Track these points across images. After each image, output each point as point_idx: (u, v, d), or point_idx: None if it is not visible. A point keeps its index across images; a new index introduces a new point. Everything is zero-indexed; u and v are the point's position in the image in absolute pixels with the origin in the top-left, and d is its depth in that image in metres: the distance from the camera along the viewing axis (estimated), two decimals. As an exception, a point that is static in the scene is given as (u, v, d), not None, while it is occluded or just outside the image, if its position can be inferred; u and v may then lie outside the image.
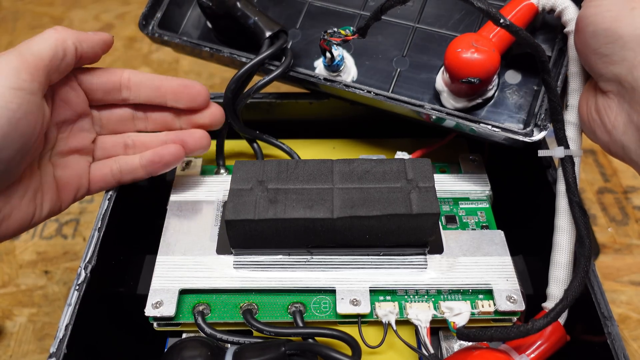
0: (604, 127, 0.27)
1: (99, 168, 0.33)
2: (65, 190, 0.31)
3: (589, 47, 0.27)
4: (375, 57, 0.36)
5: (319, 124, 0.40)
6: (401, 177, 0.30)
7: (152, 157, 0.32)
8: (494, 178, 0.36)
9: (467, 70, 0.30)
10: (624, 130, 0.26)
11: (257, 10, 0.35)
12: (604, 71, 0.26)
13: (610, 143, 0.27)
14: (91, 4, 0.81)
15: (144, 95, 0.32)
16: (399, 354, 0.29)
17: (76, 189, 0.31)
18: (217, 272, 0.30)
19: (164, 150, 0.33)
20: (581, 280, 0.26)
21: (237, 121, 0.36)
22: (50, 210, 0.30)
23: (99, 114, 0.33)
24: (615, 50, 0.25)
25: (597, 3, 0.27)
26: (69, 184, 0.31)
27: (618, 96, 0.26)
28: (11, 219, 0.28)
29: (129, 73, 0.32)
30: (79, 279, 0.29)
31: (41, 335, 0.44)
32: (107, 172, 0.33)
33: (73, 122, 0.31)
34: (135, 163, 0.33)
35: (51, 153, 0.30)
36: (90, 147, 0.32)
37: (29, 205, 0.29)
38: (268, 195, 0.29)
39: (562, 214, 0.30)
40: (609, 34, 0.26)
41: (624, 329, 0.44)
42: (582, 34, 0.27)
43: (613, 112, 0.27)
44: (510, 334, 0.25)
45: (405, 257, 0.30)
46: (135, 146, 0.33)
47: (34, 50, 0.27)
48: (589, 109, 0.29)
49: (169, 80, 0.33)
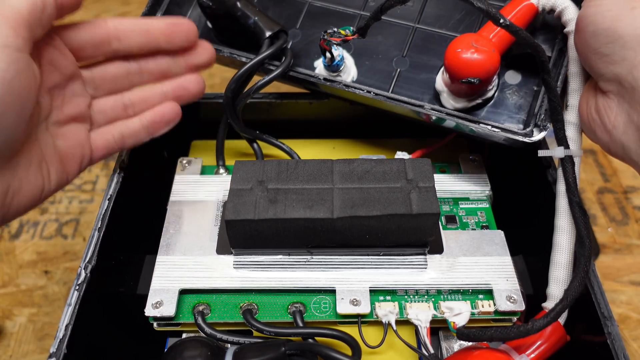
0: (604, 127, 0.27)
1: (100, 135, 0.31)
2: (69, 161, 0.30)
3: (589, 47, 0.27)
4: (375, 57, 0.36)
5: (319, 124, 0.40)
6: (401, 177, 0.30)
7: (152, 117, 0.32)
8: (494, 178, 0.36)
9: (467, 71, 0.30)
10: (624, 130, 0.26)
11: (257, 10, 0.35)
12: (604, 71, 0.26)
13: (610, 143, 0.27)
14: (91, 4, 0.81)
15: (134, 43, 0.31)
16: (399, 354, 0.29)
17: (80, 158, 0.31)
18: (217, 272, 0.30)
19: (164, 108, 0.32)
20: (581, 280, 0.26)
21: (237, 121, 0.36)
22: (58, 181, 0.29)
23: (91, 74, 0.31)
24: (616, 50, 0.25)
25: (597, 3, 0.27)
26: (72, 153, 0.30)
27: (618, 96, 0.26)
28: (22, 193, 0.27)
29: (113, 21, 0.30)
30: (79, 279, 0.29)
31: (41, 335, 0.44)
32: (109, 139, 0.32)
33: (64, 87, 0.30)
34: (136, 126, 0.32)
35: (47, 123, 0.29)
36: (87, 112, 0.31)
37: (36, 176, 0.28)
38: (268, 195, 0.29)
39: (562, 214, 0.30)
40: (609, 34, 0.26)
41: (624, 329, 0.44)
42: (582, 34, 0.27)
43: (613, 112, 0.27)
44: (510, 334, 0.25)
45: (405, 257, 0.30)
46: (134, 104, 0.32)
47: (11, 3, 0.25)
48: (589, 109, 0.29)
49: (157, 21, 0.31)
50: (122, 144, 0.32)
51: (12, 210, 0.27)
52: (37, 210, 0.53)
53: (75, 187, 0.55)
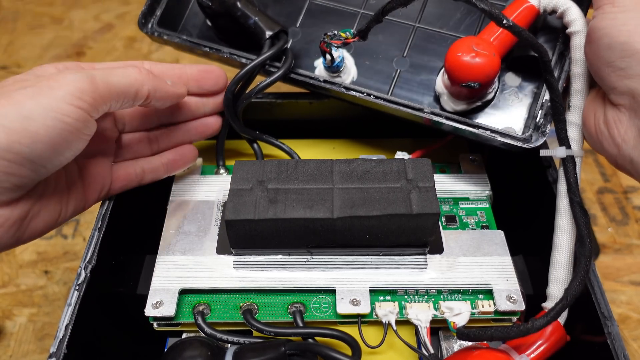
0: (613, 140, 0.27)
1: (122, 169, 0.33)
2: (90, 190, 0.31)
3: (602, 59, 0.27)
4: (375, 57, 0.36)
5: (319, 124, 0.40)
6: (401, 177, 0.30)
7: (173, 156, 0.34)
8: (494, 178, 0.36)
9: (467, 75, 0.30)
10: (635, 144, 0.26)
11: (257, 10, 0.35)
12: (618, 84, 0.26)
13: (618, 156, 0.27)
14: (91, 4, 0.81)
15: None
16: (399, 354, 0.29)
17: (100, 188, 0.31)
18: (217, 272, 0.30)
19: (184, 149, 0.34)
20: (581, 280, 0.26)
21: (238, 122, 0.36)
22: (75, 209, 0.30)
23: (121, 112, 0.32)
24: (632, 65, 0.25)
25: (612, 16, 0.26)
26: (94, 183, 0.31)
27: (630, 110, 0.26)
28: (39, 218, 0.28)
29: (148, 66, 0.31)
30: (79, 279, 0.29)
31: (41, 335, 0.44)
32: (130, 172, 0.33)
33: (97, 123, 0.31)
34: (157, 162, 0.33)
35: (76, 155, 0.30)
36: (114, 146, 0.32)
37: (56, 203, 0.29)
38: (268, 195, 0.29)
39: (563, 214, 0.30)
40: (626, 48, 0.25)
41: (624, 329, 0.44)
42: (596, 45, 0.27)
43: (623, 125, 0.27)
44: (511, 334, 0.25)
45: (405, 257, 0.30)
46: (159, 141, 0.34)
47: (110, 81, 0.26)
48: (597, 121, 0.28)
49: (188, 67, 0.33)
50: (142, 178, 0.33)
51: (26, 234, 0.28)
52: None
53: (75, 187, 0.55)
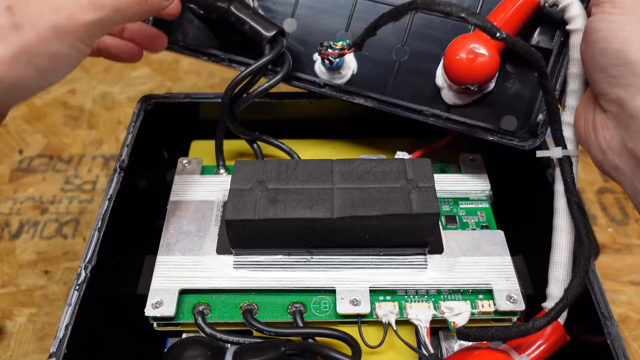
0: (599, 145, 0.27)
1: None
2: None
3: (596, 63, 0.26)
4: (374, 47, 0.35)
5: (319, 124, 0.40)
6: (401, 177, 0.30)
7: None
8: (494, 178, 0.36)
9: (465, 79, 0.30)
10: (619, 152, 0.26)
11: (251, 13, 0.34)
12: (608, 91, 0.26)
13: (604, 162, 0.27)
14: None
15: None
16: (399, 354, 0.29)
17: None
18: (217, 272, 0.30)
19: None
20: (581, 279, 0.26)
21: (235, 124, 0.36)
22: None
23: None
24: (624, 74, 0.25)
25: (611, 18, 0.26)
26: None
27: (616, 119, 0.26)
28: None
29: None
30: (79, 279, 0.29)
31: (41, 335, 0.44)
32: None
33: None
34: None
35: None
36: None
37: None
38: (268, 195, 0.29)
39: (561, 213, 0.30)
40: (620, 56, 0.25)
41: (624, 329, 0.44)
42: (590, 48, 0.27)
43: (609, 132, 0.26)
44: (511, 334, 0.25)
45: (405, 257, 0.30)
46: None
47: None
48: (587, 122, 0.28)
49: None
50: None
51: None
52: (37, 210, 0.53)
53: (75, 187, 0.55)
